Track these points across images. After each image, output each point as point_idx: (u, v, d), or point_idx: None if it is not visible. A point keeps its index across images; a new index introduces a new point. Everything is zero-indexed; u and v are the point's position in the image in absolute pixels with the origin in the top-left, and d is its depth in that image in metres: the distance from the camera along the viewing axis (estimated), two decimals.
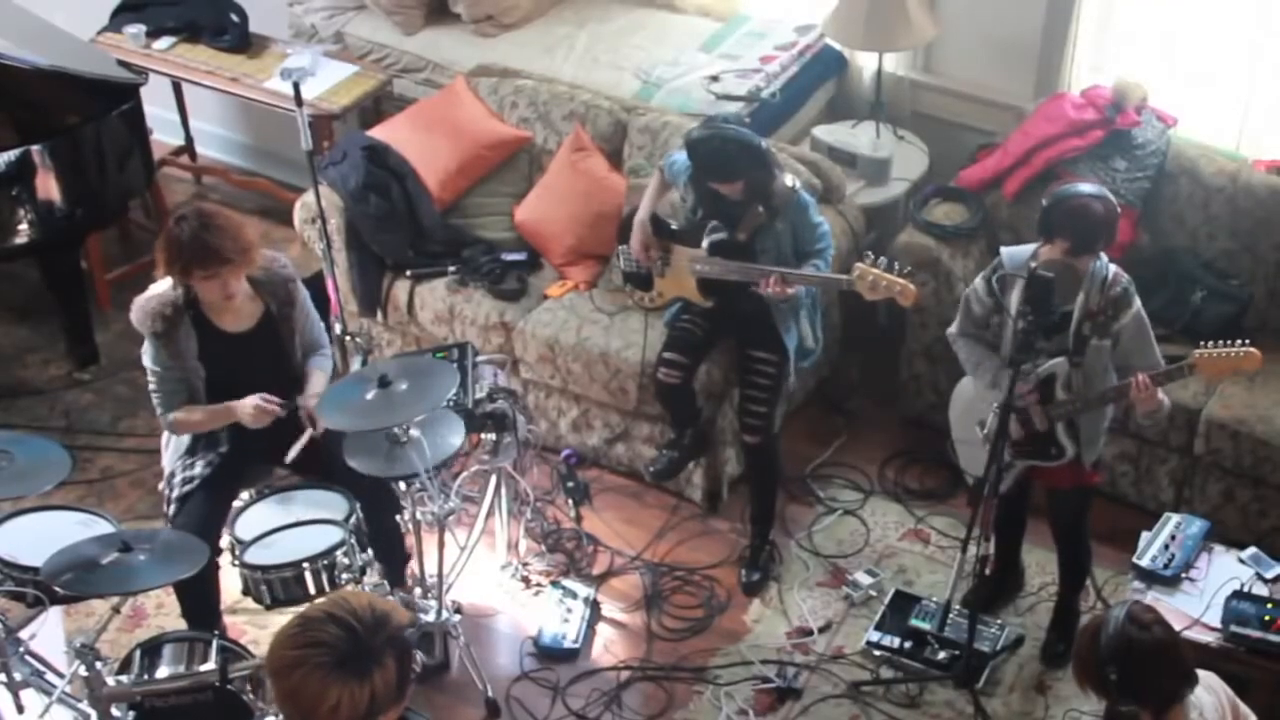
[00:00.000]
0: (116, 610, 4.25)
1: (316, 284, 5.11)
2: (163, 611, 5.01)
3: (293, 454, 4.52)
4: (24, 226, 5.71)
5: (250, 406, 4.47)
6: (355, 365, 5.41)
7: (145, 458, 5.56)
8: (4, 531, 4.37)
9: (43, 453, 4.33)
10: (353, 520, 4.43)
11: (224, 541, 4.52)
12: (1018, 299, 4.32)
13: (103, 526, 4.39)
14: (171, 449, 4.71)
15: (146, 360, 4.56)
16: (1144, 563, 4.56)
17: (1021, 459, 4.54)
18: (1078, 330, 4.34)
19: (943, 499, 5.46)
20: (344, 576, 4.34)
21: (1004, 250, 4.46)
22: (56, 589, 4.05)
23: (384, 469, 4.38)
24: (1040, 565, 5.08)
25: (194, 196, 6.98)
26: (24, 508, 4.48)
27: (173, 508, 4.58)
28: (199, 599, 4.56)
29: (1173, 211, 5.37)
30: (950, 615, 4.80)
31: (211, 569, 4.42)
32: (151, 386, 4.59)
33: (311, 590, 4.31)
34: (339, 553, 4.32)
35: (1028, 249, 4.41)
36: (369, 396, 4.31)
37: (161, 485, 4.70)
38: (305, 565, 4.29)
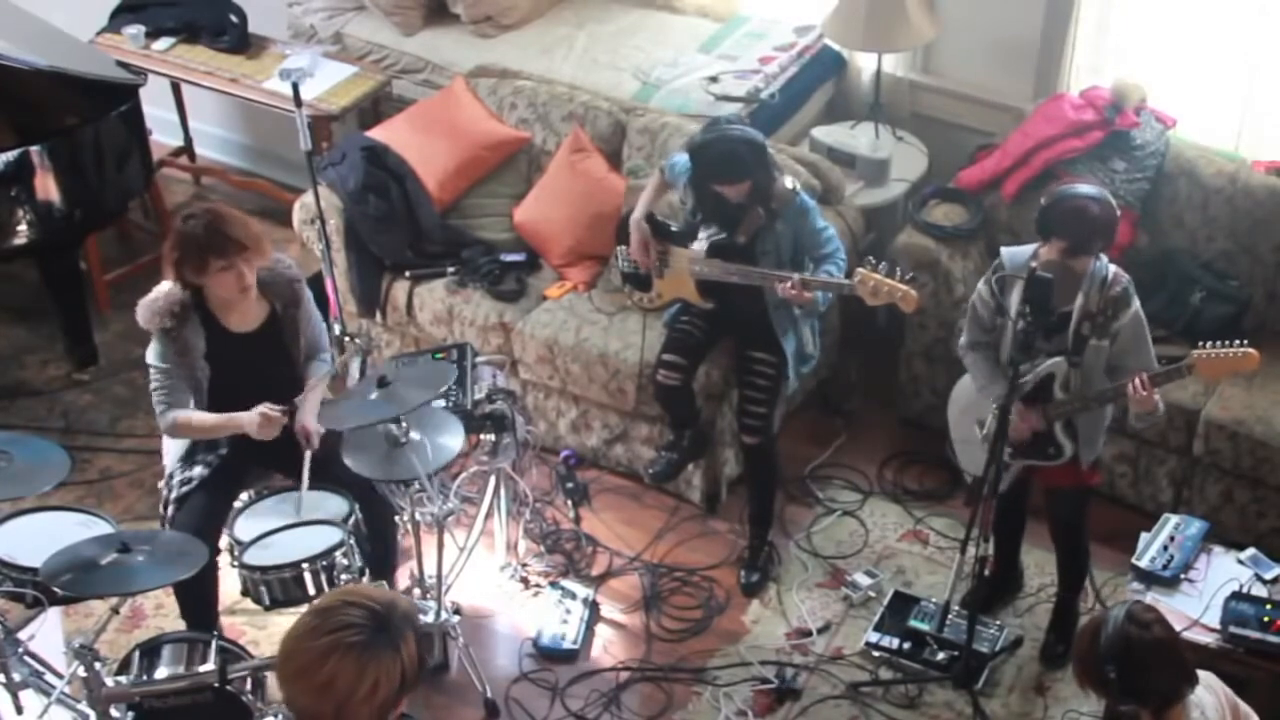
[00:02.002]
0: (115, 611, 4.23)
1: (316, 285, 5.11)
2: (161, 612, 5.01)
3: (305, 484, 4.52)
4: (23, 227, 5.70)
5: (256, 416, 4.45)
6: (354, 366, 5.41)
7: (144, 458, 5.56)
8: (3, 532, 4.35)
9: (41, 453, 4.32)
10: (352, 521, 4.42)
11: (223, 542, 4.51)
12: (1017, 299, 4.32)
13: (101, 527, 4.38)
14: (173, 451, 4.69)
15: (151, 357, 4.53)
16: (1143, 564, 4.56)
17: (1020, 458, 4.54)
18: (1077, 330, 4.34)
19: (942, 500, 5.46)
20: (343, 577, 4.32)
21: (1004, 250, 4.46)
22: (55, 589, 4.04)
23: (382, 471, 4.38)
24: (1039, 566, 5.08)
25: (193, 197, 6.98)
26: (23, 508, 4.47)
27: (170, 509, 4.57)
28: (197, 599, 4.54)
29: (1171, 212, 5.37)
30: (949, 616, 4.80)
31: (211, 570, 4.40)
32: (154, 385, 4.55)
33: (311, 591, 4.30)
34: (338, 553, 4.31)
35: (1028, 249, 4.40)
36: (371, 397, 4.32)
37: (161, 484, 4.69)
38: (305, 566, 4.27)
